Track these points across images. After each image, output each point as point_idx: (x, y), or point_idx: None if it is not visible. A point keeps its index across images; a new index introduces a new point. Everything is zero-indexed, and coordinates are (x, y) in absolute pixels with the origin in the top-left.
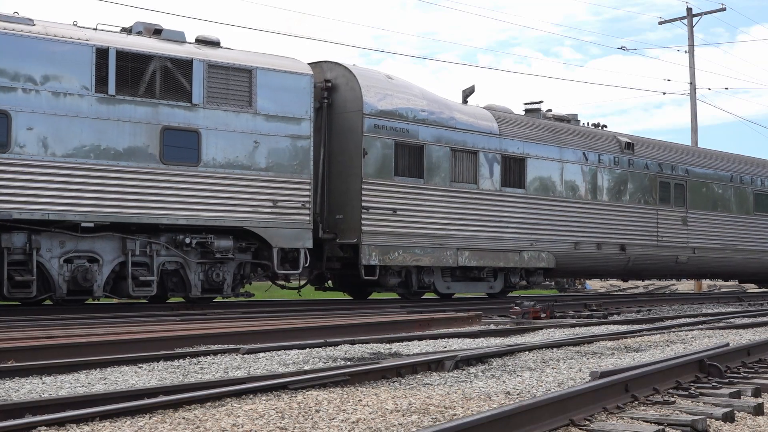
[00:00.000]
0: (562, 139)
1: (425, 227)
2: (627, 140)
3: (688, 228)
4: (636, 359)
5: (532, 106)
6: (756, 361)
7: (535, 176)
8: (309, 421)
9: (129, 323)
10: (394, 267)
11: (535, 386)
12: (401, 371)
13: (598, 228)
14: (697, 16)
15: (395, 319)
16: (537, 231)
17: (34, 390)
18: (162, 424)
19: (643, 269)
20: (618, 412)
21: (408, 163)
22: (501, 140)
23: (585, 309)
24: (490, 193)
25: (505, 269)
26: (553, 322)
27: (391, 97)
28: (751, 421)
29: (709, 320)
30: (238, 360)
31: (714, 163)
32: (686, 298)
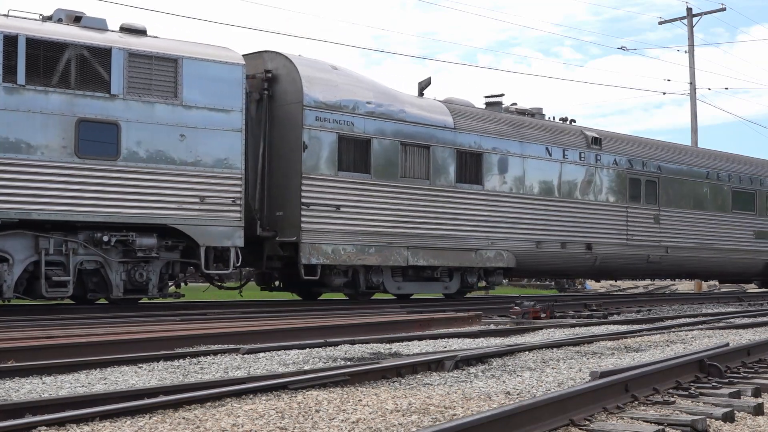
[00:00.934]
0: (523, 133)
1: (372, 225)
2: (594, 135)
3: (661, 226)
4: (636, 359)
5: (493, 99)
6: (756, 361)
7: (493, 172)
8: (309, 421)
9: (129, 323)
10: (340, 266)
11: (535, 386)
12: (401, 371)
13: (562, 226)
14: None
15: (395, 319)
16: (496, 229)
17: (34, 390)
18: (162, 424)
19: (612, 269)
20: (618, 412)
21: (353, 158)
22: (456, 134)
23: (585, 309)
24: (443, 189)
25: (461, 269)
26: (553, 322)
27: (336, 88)
28: (751, 421)
29: (709, 320)
30: (238, 360)
31: (688, 159)
32: (686, 298)
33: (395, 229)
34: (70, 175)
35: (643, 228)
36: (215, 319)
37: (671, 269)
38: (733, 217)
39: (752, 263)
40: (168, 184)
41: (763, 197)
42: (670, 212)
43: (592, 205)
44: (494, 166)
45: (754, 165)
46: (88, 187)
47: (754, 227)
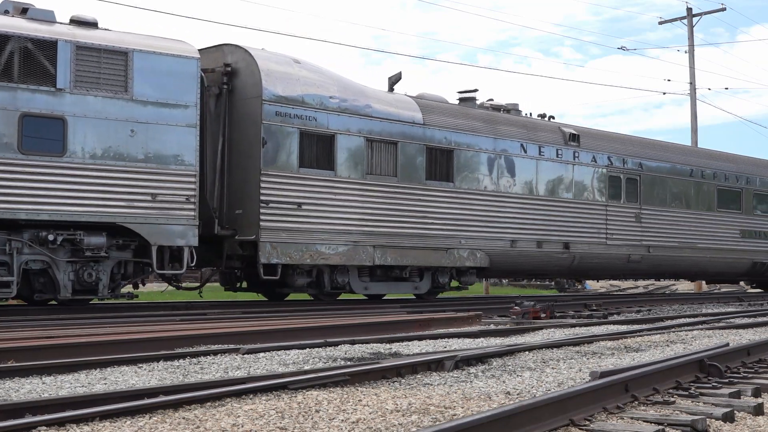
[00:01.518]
0: (497, 129)
1: (336, 223)
2: (572, 131)
3: (642, 225)
4: (636, 359)
5: (467, 94)
6: (756, 361)
7: (465, 169)
8: (309, 421)
9: (129, 323)
10: (303, 266)
11: (535, 386)
12: (401, 371)
13: (538, 225)
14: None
15: (395, 319)
16: (468, 227)
17: (34, 390)
18: (162, 424)
19: (590, 269)
20: (618, 412)
21: (316, 154)
22: (425, 130)
23: (585, 309)
24: (412, 186)
25: (432, 268)
26: (553, 322)
27: (297, 82)
28: (751, 421)
29: (709, 320)
30: (238, 360)
31: (671, 156)
32: (686, 298)
33: (361, 227)
34: (12, 172)
35: (624, 227)
36: (215, 319)
37: (653, 269)
38: (718, 216)
39: (738, 263)
40: (117, 182)
41: (749, 196)
42: (652, 211)
43: (569, 203)
44: (466, 163)
45: (740, 163)
46: (31, 184)
47: (740, 226)
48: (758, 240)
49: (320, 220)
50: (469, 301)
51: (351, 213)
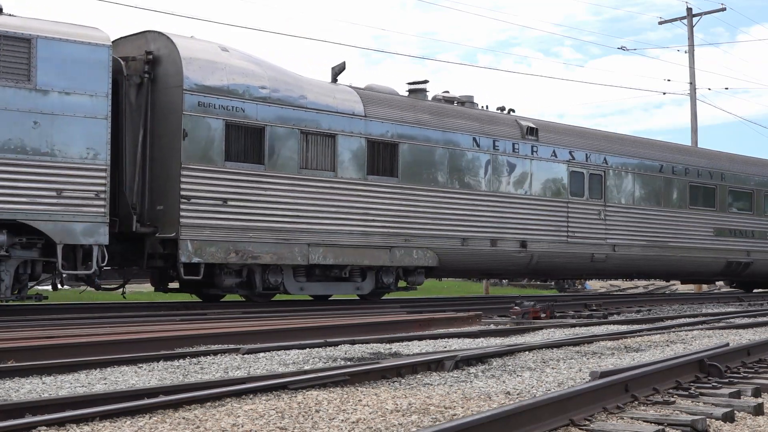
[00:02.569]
0: (447, 122)
1: (267, 220)
2: (530, 125)
3: (607, 223)
4: (636, 359)
5: (416, 86)
6: (756, 361)
7: (411, 163)
8: (309, 421)
9: (129, 323)
10: (231, 265)
11: (535, 386)
12: (401, 371)
13: (491, 222)
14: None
15: (395, 319)
16: (414, 225)
17: (34, 390)
18: (162, 424)
19: (550, 268)
20: (618, 412)
21: (244, 147)
22: (367, 122)
23: (585, 309)
24: (352, 181)
25: (374, 268)
26: (553, 322)
27: (223, 71)
28: (751, 421)
29: (709, 320)
30: (238, 360)
31: (639, 151)
32: (686, 298)
33: (294, 224)
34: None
35: (587, 224)
36: (215, 319)
37: (619, 269)
38: (690, 214)
39: (712, 262)
40: (18, 176)
41: (723, 192)
42: (618, 208)
43: (527, 199)
44: (412, 157)
45: (714, 158)
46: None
47: (714, 224)
48: (733, 238)
49: (249, 217)
50: (469, 301)
51: (283, 209)
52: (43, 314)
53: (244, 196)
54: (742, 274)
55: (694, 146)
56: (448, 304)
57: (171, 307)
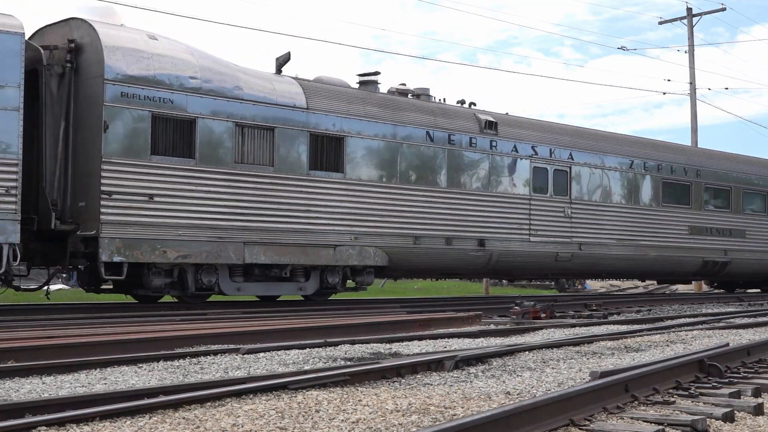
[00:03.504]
0: (398, 115)
1: (198, 217)
2: (489, 119)
3: (573, 221)
4: (636, 359)
5: (367, 78)
6: (756, 361)
7: (358, 158)
8: (309, 421)
9: (129, 323)
10: (161, 265)
11: (535, 386)
12: (401, 371)
13: (447, 219)
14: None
15: (395, 319)
16: (361, 223)
17: (34, 390)
18: (162, 424)
19: (511, 268)
20: (618, 412)
21: (172, 140)
22: (309, 115)
23: (585, 309)
24: (292, 177)
25: (319, 267)
26: (553, 322)
27: (149, 60)
28: (751, 421)
29: (709, 320)
30: (238, 360)
31: (608, 146)
32: (686, 298)
33: (229, 222)
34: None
35: (551, 222)
36: (215, 319)
37: (586, 268)
38: (663, 211)
39: (687, 261)
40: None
41: (699, 190)
42: (584, 205)
43: (485, 196)
44: (359, 152)
45: (689, 154)
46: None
47: (689, 222)
48: (710, 237)
49: (178, 214)
50: (469, 301)
51: (216, 206)
52: (43, 314)
53: (173, 191)
54: (719, 274)
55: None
56: (448, 304)
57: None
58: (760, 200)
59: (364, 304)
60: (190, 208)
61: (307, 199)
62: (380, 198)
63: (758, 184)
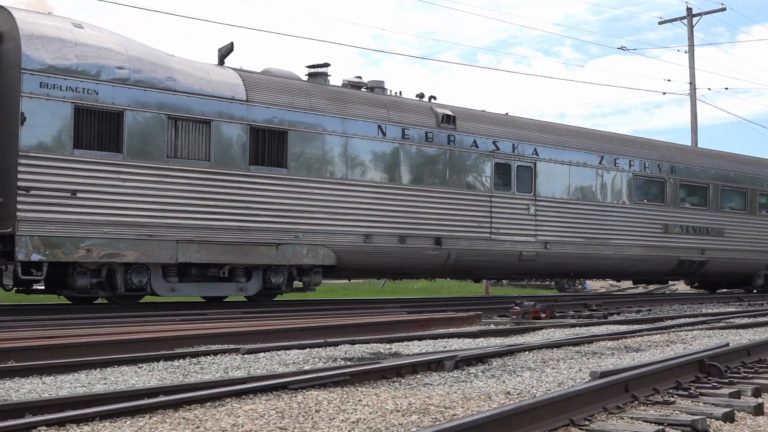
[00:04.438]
0: (347, 109)
1: (126, 214)
2: (447, 113)
3: (538, 218)
4: (636, 359)
5: (316, 69)
6: (756, 361)
7: (303, 153)
8: (309, 421)
9: (129, 323)
10: (87, 264)
11: (535, 386)
12: (401, 371)
13: (400, 217)
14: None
15: (395, 319)
16: (306, 220)
17: (34, 390)
18: (162, 424)
19: (471, 267)
20: (618, 412)
21: (98, 134)
22: (249, 108)
23: (585, 309)
24: (230, 172)
25: (261, 267)
26: (553, 322)
27: (73, 49)
28: (751, 421)
29: (709, 320)
30: (238, 360)
31: (576, 142)
32: (686, 298)
33: (160, 219)
34: None
35: (514, 220)
36: (215, 319)
37: (552, 267)
38: (636, 209)
39: (661, 260)
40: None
41: (674, 186)
42: (550, 202)
43: (442, 193)
44: (304, 146)
45: (663, 149)
46: None
47: (663, 220)
48: (686, 236)
49: (104, 211)
50: (469, 301)
51: (145, 202)
52: (43, 314)
53: (98, 187)
54: (696, 274)
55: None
56: (448, 304)
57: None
58: (740, 198)
59: (364, 304)
60: (118, 205)
61: (247, 195)
62: (327, 194)
63: (738, 181)
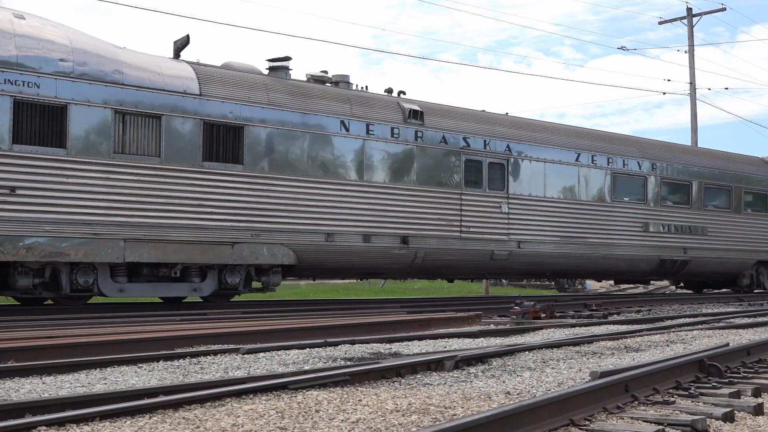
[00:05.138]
0: (308, 104)
1: (70, 212)
2: (415, 108)
3: (511, 217)
4: (636, 359)
5: (277, 63)
6: (756, 361)
7: (261, 149)
8: (309, 421)
9: (129, 323)
10: (30, 264)
11: (535, 386)
12: (401, 371)
13: (364, 216)
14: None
15: (395, 319)
16: (264, 218)
17: (34, 390)
18: (162, 424)
19: (440, 267)
20: (618, 412)
21: (39, 128)
22: (203, 102)
23: (585, 309)
24: (183, 169)
25: (216, 267)
26: (553, 322)
27: (12, 41)
28: (751, 421)
29: (709, 320)
30: (238, 360)
31: (551, 138)
32: (686, 298)
33: (106, 217)
34: None
35: (485, 219)
36: (215, 319)
37: (526, 267)
38: (614, 207)
39: (642, 260)
40: None
41: (655, 184)
42: (524, 200)
43: (409, 190)
44: (262, 143)
45: (643, 146)
46: None
47: (644, 218)
48: (667, 234)
49: (46, 208)
50: (469, 301)
51: (91, 200)
52: (43, 314)
53: (40, 184)
54: (678, 273)
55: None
56: (448, 304)
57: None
58: (724, 196)
59: (364, 304)
60: (61, 202)
61: (201, 192)
62: (286, 191)
63: (722, 179)
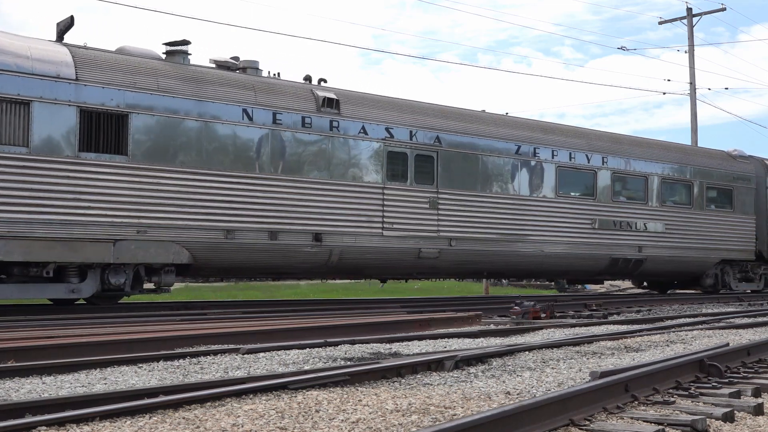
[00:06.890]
0: (204, 90)
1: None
2: (330, 96)
3: (440, 213)
4: (636, 359)
5: (174, 48)
6: (756, 361)
7: (148, 139)
8: (309, 421)
9: (129, 323)
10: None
11: (535, 386)
12: (401, 371)
13: (270, 211)
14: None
15: (395, 319)
16: (150, 213)
17: (34, 390)
18: (162, 424)
19: (360, 266)
20: (618, 412)
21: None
22: (79, 88)
23: (585, 309)
24: (55, 160)
25: (96, 266)
26: (553, 322)
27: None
28: (751, 421)
29: (709, 320)
30: (238, 360)
31: (487, 130)
32: (686, 298)
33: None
34: None
35: (411, 215)
36: (215, 319)
37: (458, 266)
38: (560, 203)
39: (591, 258)
40: None
41: (606, 179)
42: (456, 195)
43: (322, 184)
44: (150, 132)
45: (592, 138)
46: None
47: (594, 215)
48: (620, 232)
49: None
50: (469, 301)
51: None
52: (43, 314)
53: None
54: (633, 273)
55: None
56: (448, 304)
57: (171, 307)
58: (685, 191)
59: (364, 304)
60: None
61: (76, 185)
62: (177, 185)
63: (682, 173)
